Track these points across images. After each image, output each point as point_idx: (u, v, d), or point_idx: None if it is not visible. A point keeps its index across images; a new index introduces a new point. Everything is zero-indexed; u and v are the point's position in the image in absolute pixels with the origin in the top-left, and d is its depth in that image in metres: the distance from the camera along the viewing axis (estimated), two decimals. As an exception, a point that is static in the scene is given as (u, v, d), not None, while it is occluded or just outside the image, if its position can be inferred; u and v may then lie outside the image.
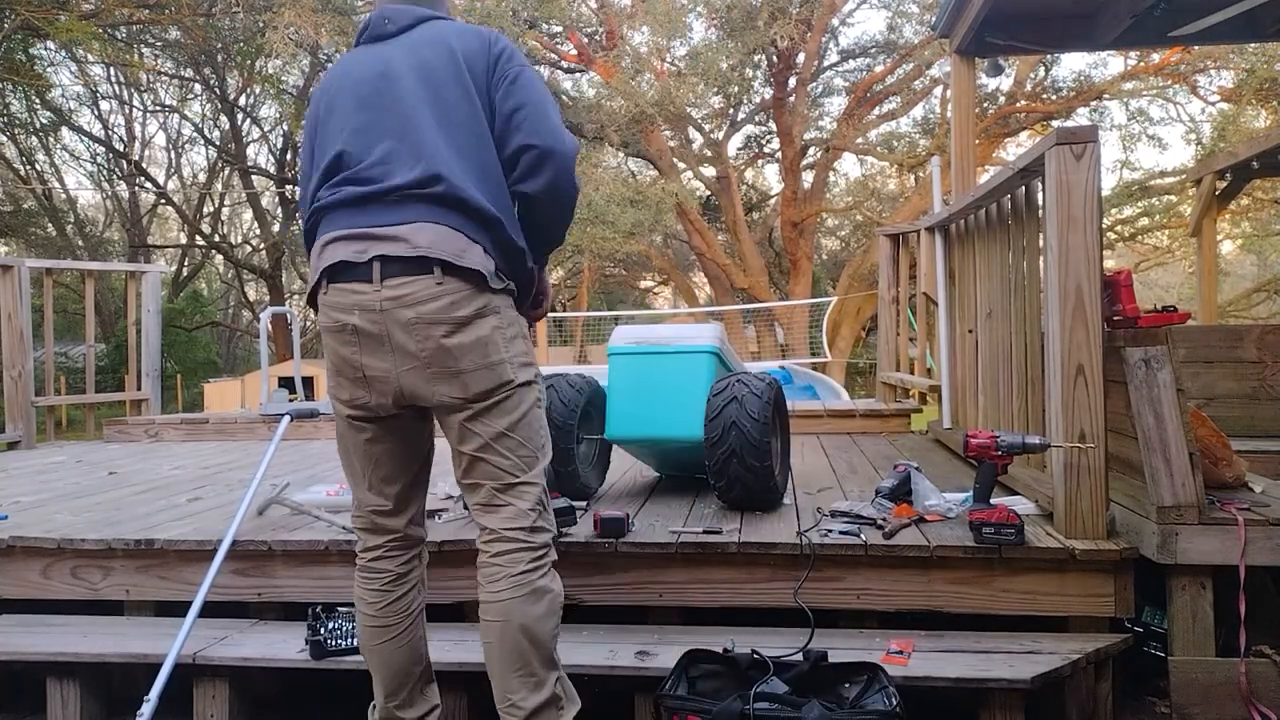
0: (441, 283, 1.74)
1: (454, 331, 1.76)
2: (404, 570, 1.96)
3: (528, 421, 1.86)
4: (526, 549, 1.83)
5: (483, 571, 1.84)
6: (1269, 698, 2.25)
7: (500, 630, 1.79)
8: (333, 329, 1.81)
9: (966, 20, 4.56)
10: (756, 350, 16.34)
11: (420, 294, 1.74)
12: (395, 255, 1.75)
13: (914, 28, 15.17)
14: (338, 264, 1.79)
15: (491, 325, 1.80)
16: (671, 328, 3.14)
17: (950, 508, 2.66)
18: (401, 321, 1.74)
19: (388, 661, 1.93)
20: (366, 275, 1.76)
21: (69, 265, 7.77)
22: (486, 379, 1.79)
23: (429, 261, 1.74)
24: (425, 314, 1.74)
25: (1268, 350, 4.08)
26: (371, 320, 1.76)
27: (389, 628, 1.92)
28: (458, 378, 1.77)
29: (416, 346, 1.75)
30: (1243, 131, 13.46)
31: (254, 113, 21.66)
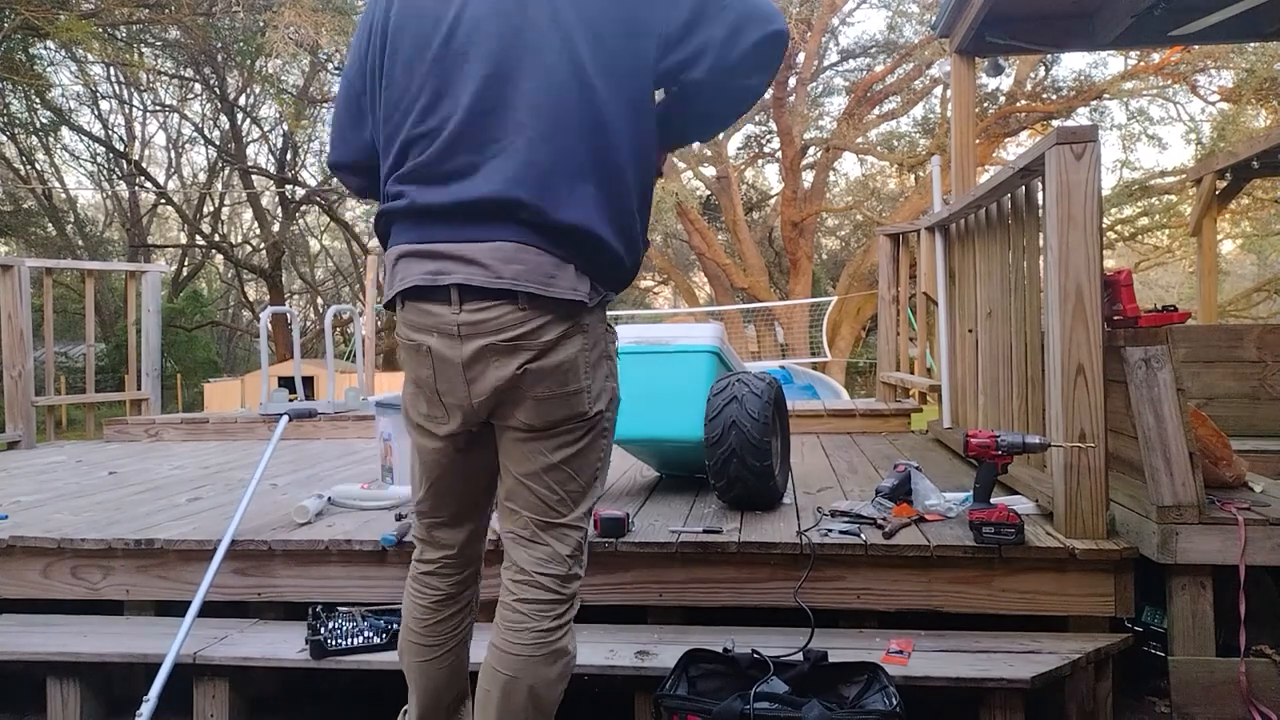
0: (525, 309, 1.55)
1: (535, 358, 1.57)
2: (455, 591, 1.82)
3: (585, 452, 1.67)
4: (555, 601, 1.68)
5: (504, 614, 1.68)
6: (1269, 697, 2.25)
7: (507, 685, 1.64)
8: (409, 348, 1.66)
9: (966, 20, 4.56)
10: (756, 350, 16.34)
11: (501, 320, 1.55)
12: (474, 285, 1.55)
13: (914, 27, 15.20)
14: (414, 288, 1.61)
15: (577, 349, 1.60)
16: (671, 328, 3.14)
17: (950, 507, 2.66)
18: (479, 346, 1.57)
19: (425, 683, 1.82)
20: (445, 297, 1.58)
21: (69, 265, 7.79)
22: (560, 409, 1.62)
23: (512, 289, 1.54)
24: (506, 340, 1.56)
25: (1268, 350, 4.08)
26: (448, 344, 1.59)
27: (432, 648, 1.80)
28: (533, 405, 1.60)
29: (494, 374, 1.58)
30: (1243, 131, 13.46)
31: (254, 113, 21.67)
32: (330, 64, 17.12)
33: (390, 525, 2.61)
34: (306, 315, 27.82)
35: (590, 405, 1.64)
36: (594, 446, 1.69)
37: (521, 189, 1.51)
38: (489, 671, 1.67)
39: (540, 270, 1.53)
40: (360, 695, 2.49)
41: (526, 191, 1.51)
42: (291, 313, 7.52)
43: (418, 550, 1.84)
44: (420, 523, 1.82)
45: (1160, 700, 2.37)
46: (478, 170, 1.54)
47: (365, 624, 2.36)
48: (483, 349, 1.55)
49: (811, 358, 14.21)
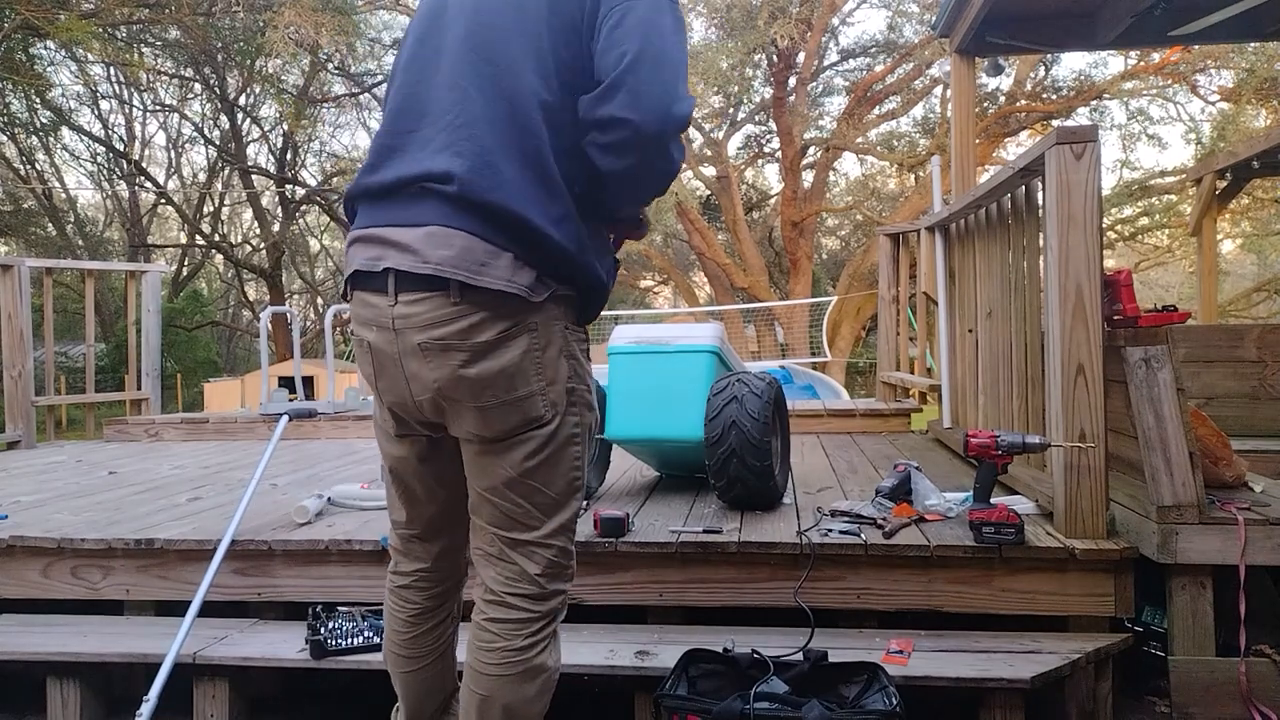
0: (457, 303, 1.44)
1: (472, 361, 1.45)
2: (432, 604, 1.74)
3: (551, 463, 1.54)
4: (527, 620, 1.57)
5: (475, 632, 1.59)
6: (1269, 697, 2.25)
7: (481, 705, 1.56)
8: (355, 342, 1.58)
9: (966, 20, 4.56)
10: (756, 350, 16.34)
11: (432, 314, 1.45)
12: (405, 270, 1.45)
13: (914, 27, 15.20)
14: (355, 272, 1.53)
15: (522, 349, 1.47)
16: (671, 327, 3.14)
17: (950, 507, 2.66)
18: (413, 344, 1.47)
19: (411, 690, 1.79)
20: (382, 285, 1.48)
21: (69, 265, 7.79)
22: (510, 416, 1.49)
23: (442, 278, 1.44)
24: (437, 338, 1.45)
25: (1268, 350, 4.08)
26: (385, 339, 1.50)
27: (413, 659, 1.75)
28: (478, 413, 1.48)
29: (429, 375, 1.48)
30: (1243, 131, 13.47)
31: (254, 113, 21.66)
32: (330, 64, 17.12)
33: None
34: (306, 315, 27.81)
35: (547, 410, 1.52)
36: (564, 456, 1.56)
37: (455, 162, 1.43)
38: (465, 690, 1.60)
39: (470, 256, 1.42)
40: (360, 695, 2.49)
41: (459, 164, 1.43)
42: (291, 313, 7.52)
43: (392, 562, 1.77)
44: (394, 533, 1.76)
45: (1160, 700, 2.37)
46: (421, 148, 1.48)
47: (365, 624, 2.35)
48: (416, 346, 1.46)
49: (811, 358, 14.21)
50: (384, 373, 1.54)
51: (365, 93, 19.01)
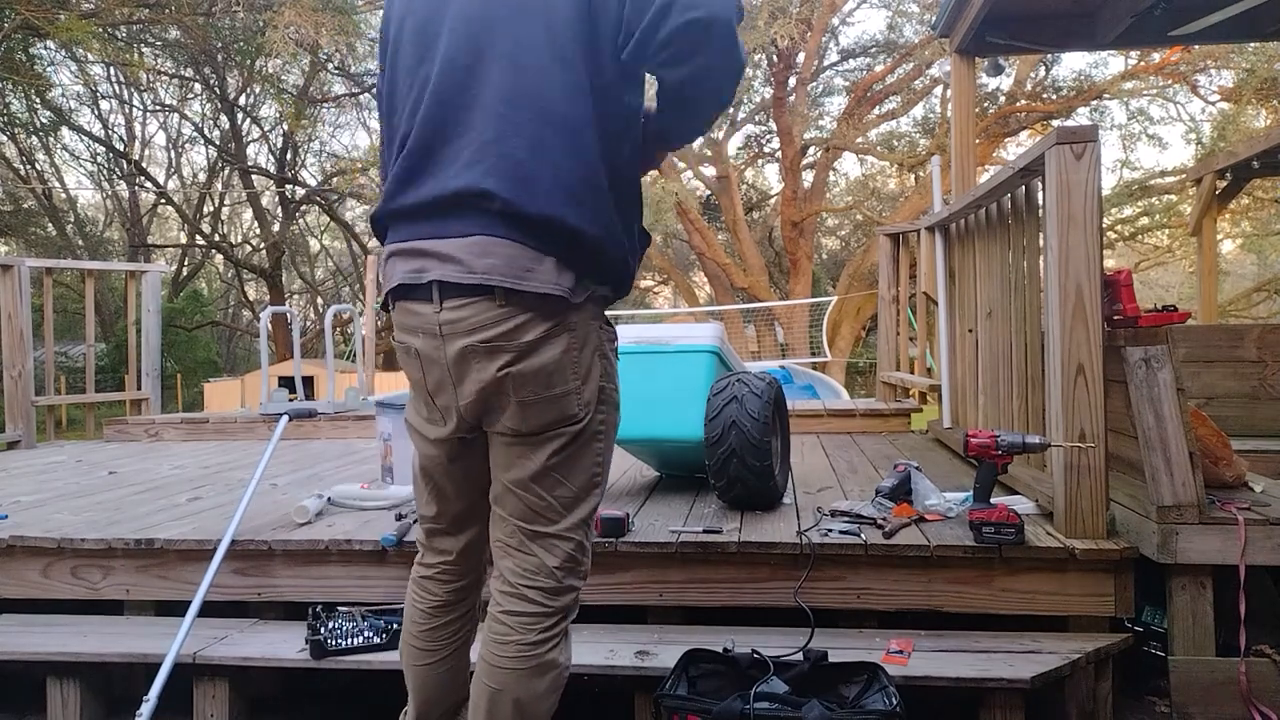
0: (503, 305, 1.51)
1: (516, 360, 1.52)
2: (453, 598, 1.79)
3: (577, 457, 1.61)
4: (542, 614, 1.61)
5: (490, 625, 1.64)
6: (1269, 697, 2.25)
7: (492, 698, 1.60)
8: (400, 349, 1.65)
9: (966, 20, 4.56)
10: (756, 350, 16.34)
11: (479, 318, 1.52)
12: (451, 281, 1.52)
13: (914, 27, 15.20)
14: (398, 285, 1.59)
15: (562, 348, 1.54)
16: (671, 328, 3.14)
17: (950, 507, 2.66)
18: (460, 347, 1.54)
19: (422, 684, 1.81)
20: (427, 295, 1.56)
21: (69, 265, 7.79)
22: (547, 412, 1.56)
23: (489, 286, 1.50)
24: (485, 340, 1.52)
25: (1268, 350, 4.08)
26: (432, 345, 1.57)
27: (429, 652, 1.78)
28: (518, 409, 1.55)
29: (477, 375, 1.55)
30: (1243, 131, 13.47)
31: (254, 112, 21.66)
32: (330, 64, 17.12)
33: (390, 525, 2.61)
34: (306, 315, 27.81)
35: (581, 409, 1.58)
36: (588, 451, 1.62)
37: (490, 180, 1.47)
38: (477, 683, 1.64)
39: (516, 264, 1.49)
40: (360, 695, 2.49)
41: (496, 183, 1.47)
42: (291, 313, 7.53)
43: (420, 554, 1.82)
44: (420, 527, 1.80)
45: (1160, 700, 2.37)
46: (451, 163, 1.52)
47: (365, 624, 2.36)
48: (464, 350, 1.53)
49: (811, 358, 14.21)
50: (432, 377, 1.60)
51: (365, 93, 19.00)
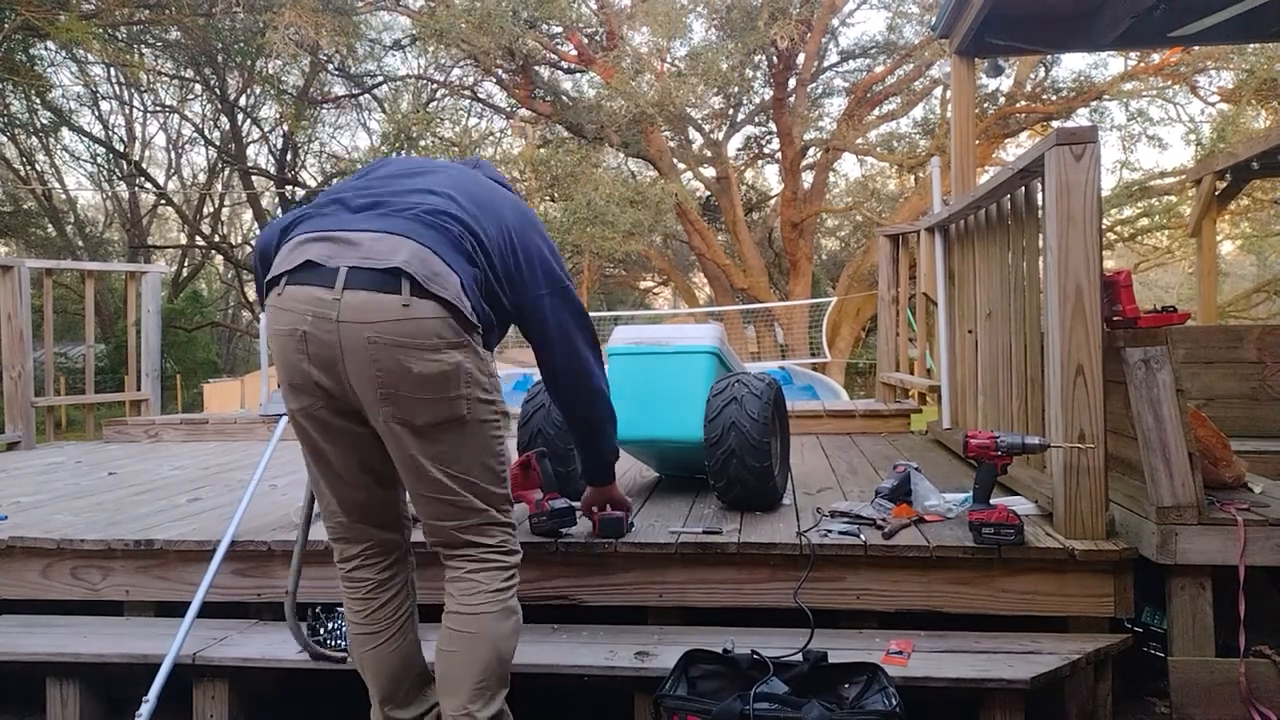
0: (408, 304, 1.66)
1: (414, 358, 1.67)
2: (384, 577, 1.92)
3: (483, 457, 1.80)
4: (500, 567, 1.84)
5: (455, 585, 1.83)
6: (1269, 698, 2.25)
7: (470, 641, 1.78)
8: (283, 334, 1.71)
9: (966, 20, 4.56)
10: (756, 350, 16.33)
11: (382, 312, 1.65)
12: (365, 267, 1.66)
13: (914, 28, 15.18)
14: (302, 264, 1.70)
15: (456, 360, 1.71)
16: (671, 328, 3.14)
17: (950, 508, 2.66)
18: (358, 339, 1.66)
19: (379, 668, 1.91)
20: (329, 280, 1.67)
21: (69, 265, 7.79)
22: (438, 410, 1.72)
23: (398, 277, 1.66)
24: (384, 334, 1.66)
25: (1268, 350, 4.08)
26: (325, 330, 1.67)
27: (376, 634, 1.90)
28: (413, 403, 1.69)
29: (371, 368, 1.67)
30: (1242, 131, 13.45)
31: (254, 113, 21.64)
32: (330, 65, 17.12)
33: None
34: (306, 316, 27.69)
35: (469, 410, 1.78)
36: (485, 445, 1.84)
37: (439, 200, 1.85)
38: (450, 635, 1.79)
39: (429, 265, 1.72)
40: (360, 695, 2.48)
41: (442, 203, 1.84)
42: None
43: (336, 552, 1.96)
44: (331, 523, 1.93)
45: (1160, 701, 2.38)
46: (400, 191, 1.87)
47: (365, 624, 2.35)
48: (361, 340, 1.70)
49: (811, 358, 14.20)
50: (317, 361, 1.73)
51: (365, 93, 19.01)
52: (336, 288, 1.66)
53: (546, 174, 14.67)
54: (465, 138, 16.78)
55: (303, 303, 1.68)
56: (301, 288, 1.69)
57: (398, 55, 19.18)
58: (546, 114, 15.54)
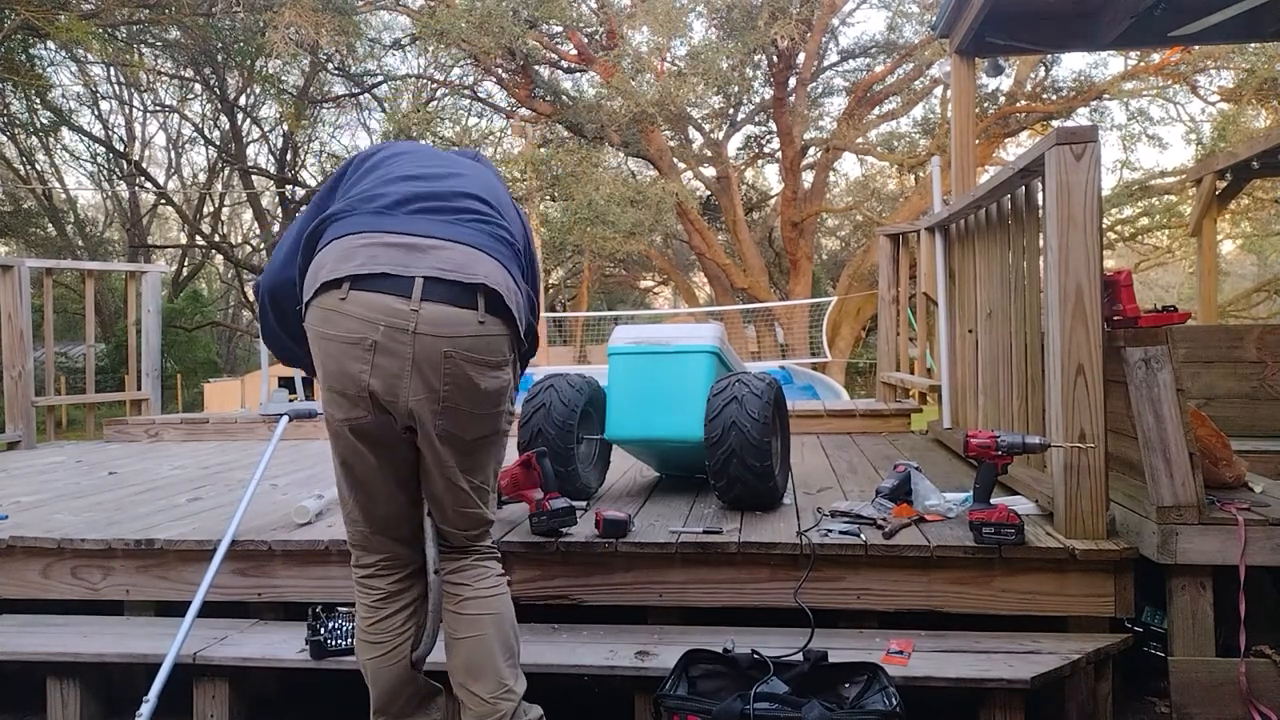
0: (484, 321, 1.68)
1: (483, 375, 1.70)
2: (396, 589, 1.91)
3: (495, 466, 1.92)
4: (495, 559, 1.96)
5: (466, 573, 1.89)
6: (1269, 698, 2.25)
7: (495, 622, 1.85)
8: (346, 340, 1.63)
9: (966, 20, 4.55)
10: (756, 350, 16.34)
11: (461, 327, 1.66)
12: (443, 279, 1.63)
13: (914, 28, 15.17)
14: (373, 272, 1.61)
15: (509, 378, 1.79)
16: (671, 328, 3.14)
17: (950, 508, 2.66)
18: (434, 352, 1.64)
19: (376, 677, 1.91)
20: (404, 290, 1.61)
21: (69, 265, 7.78)
22: (487, 424, 1.79)
23: (474, 292, 1.66)
24: (461, 349, 1.66)
25: (1268, 350, 4.08)
26: (399, 340, 1.62)
27: (378, 644, 1.89)
28: (469, 418, 1.73)
29: (440, 381, 1.66)
30: (1243, 131, 13.44)
31: (254, 113, 21.65)
32: (330, 64, 17.12)
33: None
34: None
35: (506, 425, 1.89)
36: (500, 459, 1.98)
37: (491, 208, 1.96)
38: (475, 620, 1.85)
39: (508, 282, 1.81)
40: (360, 695, 2.48)
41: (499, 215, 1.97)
42: (291, 313, 7.50)
43: (354, 557, 1.96)
44: (353, 530, 1.93)
45: (1160, 700, 2.37)
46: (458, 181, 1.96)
47: (365, 624, 2.35)
48: (437, 354, 1.73)
49: (811, 358, 14.20)
50: (380, 372, 1.74)
51: (365, 93, 19.00)
52: (414, 298, 1.62)
53: (547, 174, 14.68)
54: (465, 137, 16.77)
55: (376, 311, 1.61)
56: (375, 295, 1.62)
57: (398, 55, 19.20)
58: (546, 113, 15.54)
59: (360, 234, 1.66)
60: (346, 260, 1.64)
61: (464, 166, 1.93)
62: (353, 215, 1.71)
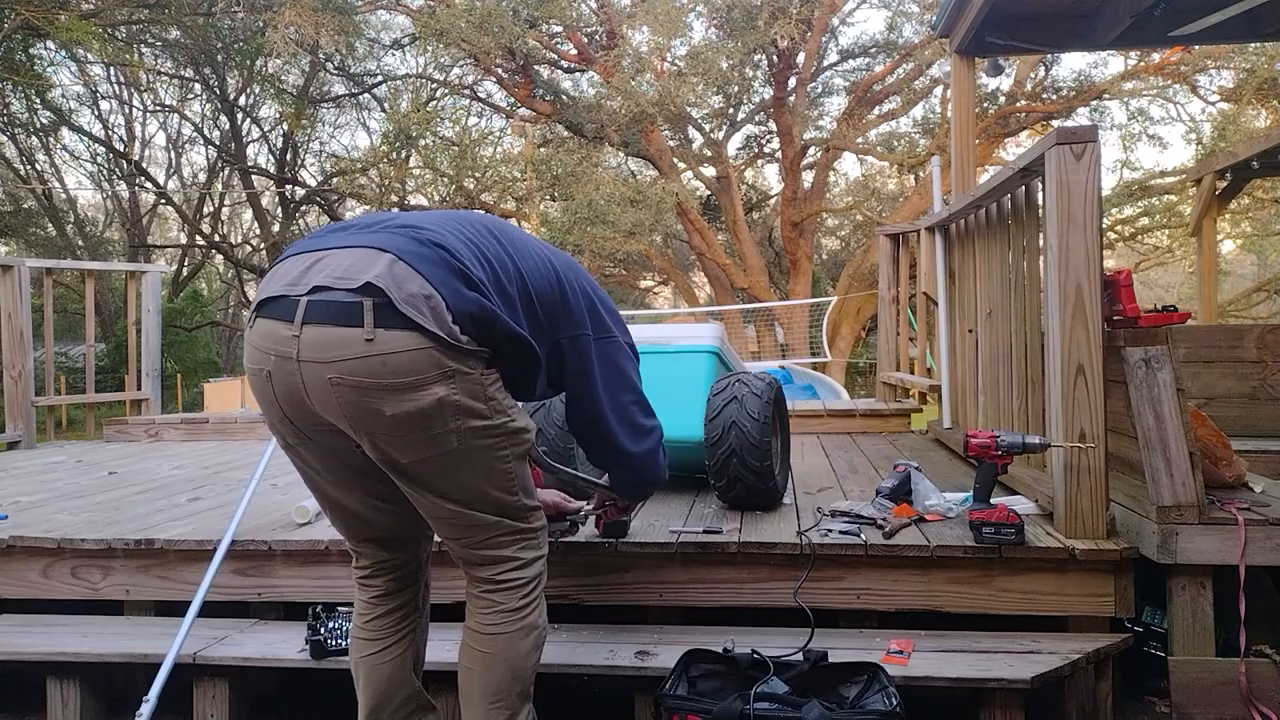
0: (372, 339, 1.46)
1: (384, 400, 1.49)
2: (392, 588, 1.86)
3: (476, 474, 1.65)
4: (520, 585, 1.75)
5: (473, 603, 1.77)
6: (1269, 698, 2.25)
7: (485, 661, 1.73)
8: (250, 370, 1.59)
9: (966, 20, 4.55)
10: (756, 350, 16.33)
11: (343, 351, 1.48)
12: (326, 297, 1.49)
13: (914, 27, 15.18)
14: (271, 295, 1.55)
15: (438, 395, 1.52)
16: (672, 327, 3.14)
17: (950, 507, 2.66)
18: (319, 380, 1.50)
19: (369, 676, 1.84)
20: (290, 313, 1.50)
21: (69, 265, 7.78)
22: (425, 447, 1.57)
23: (361, 306, 1.47)
24: (345, 374, 1.48)
25: (1268, 350, 4.08)
26: (287, 370, 1.52)
27: (373, 641, 1.84)
28: (394, 442, 1.56)
29: (338, 410, 1.52)
30: (1243, 131, 13.44)
31: (254, 113, 21.63)
32: (330, 64, 17.11)
33: None
34: (306, 315, 27.65)
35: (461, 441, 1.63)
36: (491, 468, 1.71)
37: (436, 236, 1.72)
38: (468, 650, 1.75)
39: (408, 282, 1.58)
40: (360, 695, 2.49)
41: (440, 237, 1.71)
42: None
43: (354, 559, 1.89)
44: (347, 541, 1.88)
45: (1160, 700, 2.38)
46: None
47: (365, 624, 2.35)
48: (323, 382, 1.59)
49: (811, 358, 14.20)
50: (285, 400, 1.63)
51: (365, 93, 19.00)
52: (295, 322, 1.49)
53: (547, 174, 14.68)
54: (465, 137, 16.77)
55: (267, 339, 1.54)
56: (268, 322, 1.55)
57: (397, 54, 19.22)
58: (547, 113, 15.54)
59: (284, 255, 1.65)
60: (263, 286, 1.62)
61: (447, 214, 1.80)
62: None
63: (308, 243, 1.66)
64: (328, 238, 1.65)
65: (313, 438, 1.65)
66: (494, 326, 1.60)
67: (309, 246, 1.63)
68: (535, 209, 15.78)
